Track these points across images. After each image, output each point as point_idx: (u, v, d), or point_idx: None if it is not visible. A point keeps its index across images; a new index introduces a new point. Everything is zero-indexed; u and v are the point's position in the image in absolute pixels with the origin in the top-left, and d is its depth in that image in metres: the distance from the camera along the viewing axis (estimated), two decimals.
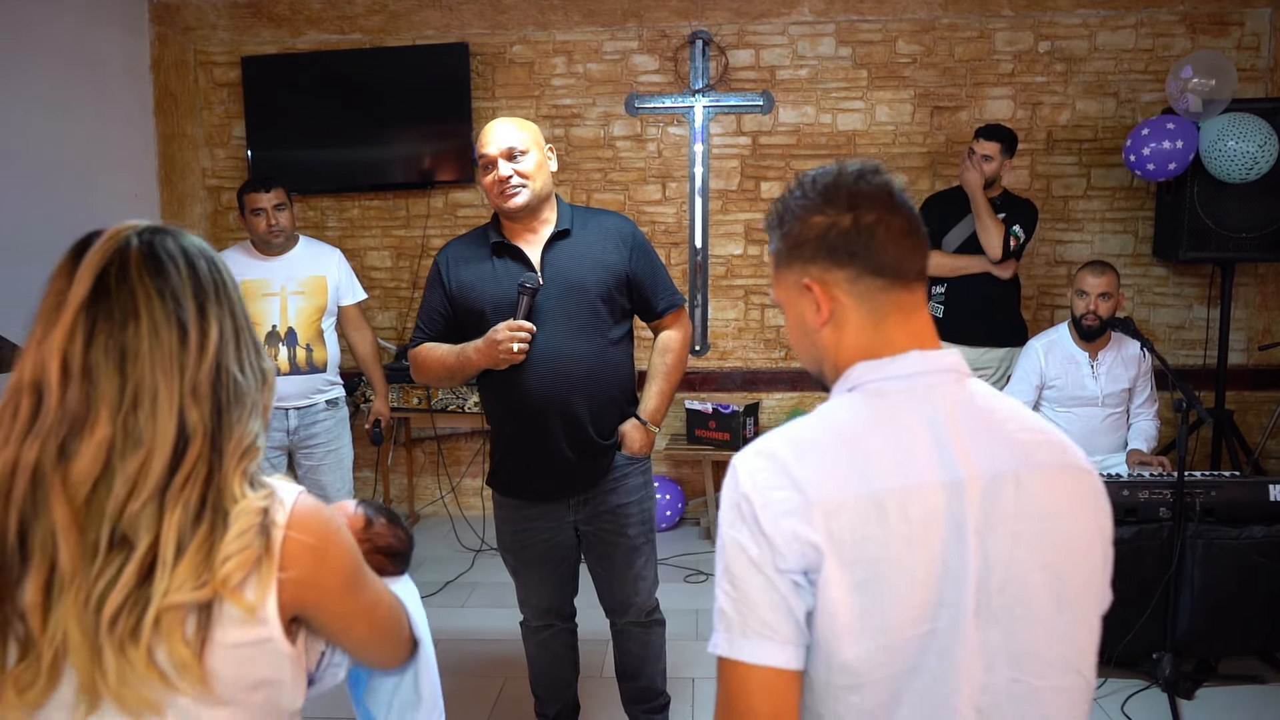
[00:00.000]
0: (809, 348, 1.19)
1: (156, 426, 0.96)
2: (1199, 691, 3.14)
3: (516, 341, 2.31)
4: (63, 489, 0.93)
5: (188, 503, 0.95)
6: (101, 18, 4.53)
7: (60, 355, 0.96)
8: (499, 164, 2.36)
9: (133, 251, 1.00)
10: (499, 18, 4.76)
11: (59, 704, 0.94)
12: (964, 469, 1.05)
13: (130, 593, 0.92)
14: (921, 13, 4.60)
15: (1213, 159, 3.91)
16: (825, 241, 1.12)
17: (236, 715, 0.99)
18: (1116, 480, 3.25)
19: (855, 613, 1.01)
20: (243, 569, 0.95)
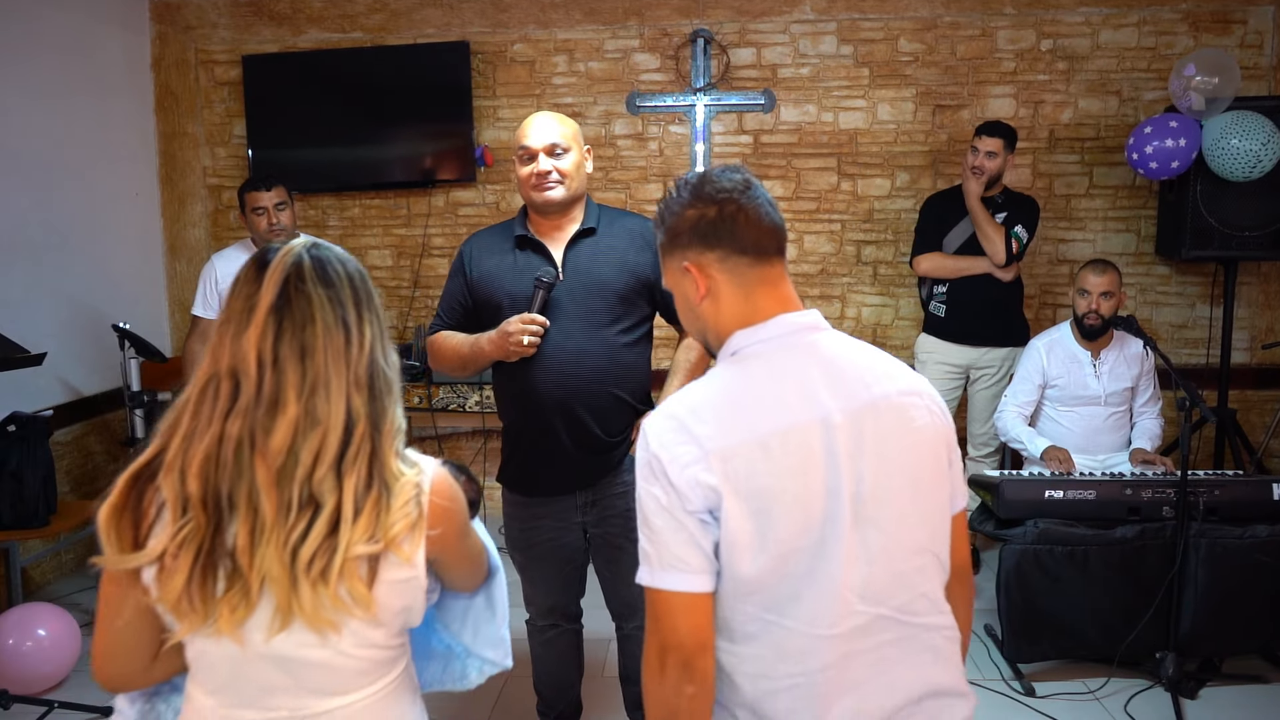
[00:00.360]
0: (694, 320, 1.44)
1: (330, 409, 1.20)
2: (1202, 691, 3.13)
3: (527, 334, 2.30)
4: (263, 457, 1.18)
5: (359, 474, 1.21)
6: (102, 16, 4.52)
7: (256, 349, 1.19)
8: (540, 158, 2.37)
9: (306, 265, 1.24)
10: (500, 16, 4.75)
11: (258, 623, 1.21)
12: (831, 406, 1.30)
13: (321, 543, 1.18)
14: (923, 11, 4.59)
15: (1216, 157, 3.90)
16: (697, 230, 1.38)
17: (385, 632, 1.29)
18: (1120, 479, 3.24)
19: (752, 535, 1.25)
20: (406, 530, 1.23)
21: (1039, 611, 3.19)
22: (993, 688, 3.19)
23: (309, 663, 1.25)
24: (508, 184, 4.88)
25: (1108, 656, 3.17)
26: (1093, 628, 3.18)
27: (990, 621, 3.60)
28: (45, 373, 3.79)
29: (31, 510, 3.54)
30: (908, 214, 4.62)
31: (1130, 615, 3.13)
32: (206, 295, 3.54)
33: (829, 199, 4.77)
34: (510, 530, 2.61)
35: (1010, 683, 3.22)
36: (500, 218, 4.89)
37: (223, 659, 1.24)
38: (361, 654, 1.27)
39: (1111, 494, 3.20)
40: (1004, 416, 3.75)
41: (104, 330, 4.21)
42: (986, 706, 3.09)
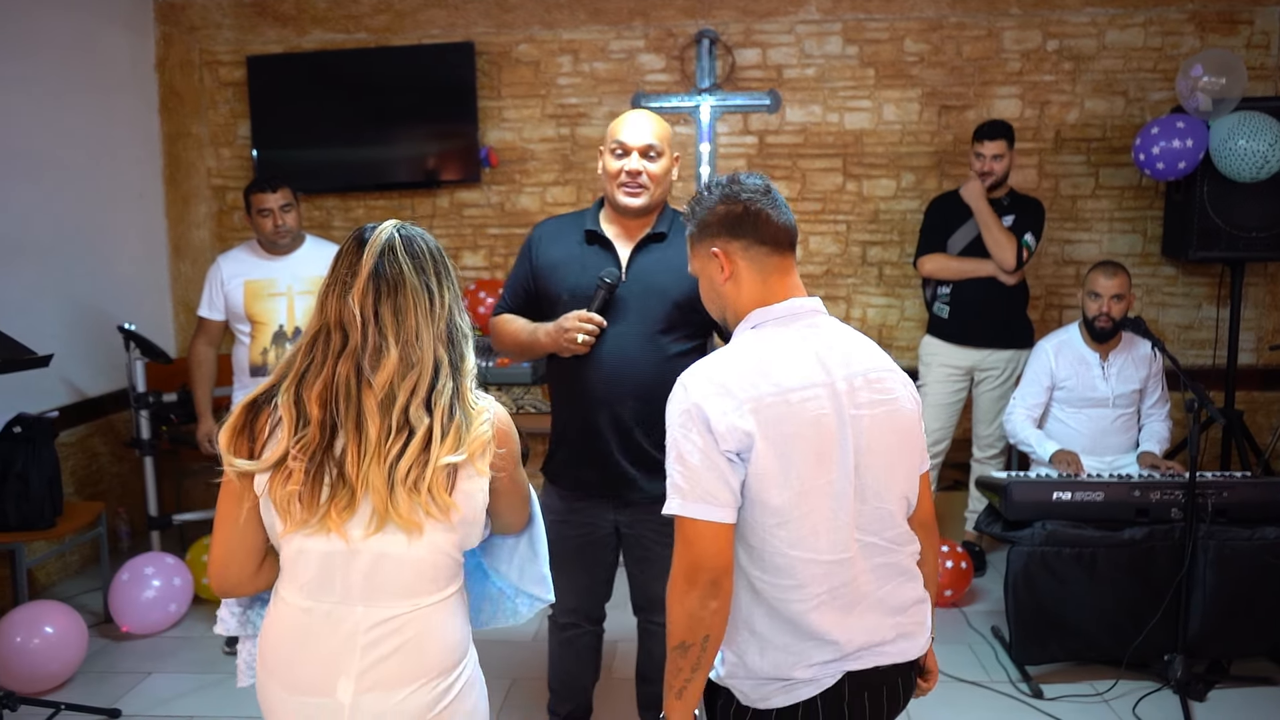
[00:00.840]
0: (716, 300, 1.73)
1: (422, 355, 1.51)
2: (1211, 693, 3.12)
3: (582, 333, 2.31)
4: (370, 391, 1.48)
5: (444, 405, 1.51)
6: (107, 17, 4.52)
7: (359, 307, 1.50)
8: (634, 156, 2.36)
9: (398, 241, 1.54)
10: (505, 17, 4.74)
11: (358, 522, 1.49)
12: (836, 374, 1.59)
13: (417, 457, 1.48)
14: (929, 11, 4.58)
15: (1223, 158, 3.90)
16: (726, 222, 1.66)
17: (453, 540, 1.56)
18: (1128, 481, 3.23)
19: (778, 472, 1.52)
20: (482, 446, 1.53)
21: (1047, 613, 3.18)
22: (1000, 689, 3.19)
23: (393, 559, 1.51)
24: (512, 184, 4.88)
25: (1116, 658, 3.16)
26: (1101, 629, 3.17)
27: (998, 623, 3.59)
28: (50, 374, 3.79)
29: (37, 511, 3.53)
30: (913, 215, 4.62)
31: (1138, 617, 3.13)
32: (212, 297, 3.54)
33: (834, 200, 4.76)
34: (545, 523, 2.60)
35: (1018, 685, 3.21)
36: (505, 219, 4.90)
37: (317, 556, 1.51)
38: (433, 559, 1.55)
39: (1119, 496, 3.19)
40: (1013, 419, 3.75)
41: (108, 331, 4.21)
42: (994, 709, 3.09)
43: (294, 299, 3.48)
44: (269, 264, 3.53)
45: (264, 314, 3.47)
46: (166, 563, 3.74)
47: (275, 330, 3.47)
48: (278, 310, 3.48)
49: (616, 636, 3.27)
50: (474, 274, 4.94)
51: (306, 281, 3.51)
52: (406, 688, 1.52)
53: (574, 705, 2.80)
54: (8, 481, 3.48)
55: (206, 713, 3.13)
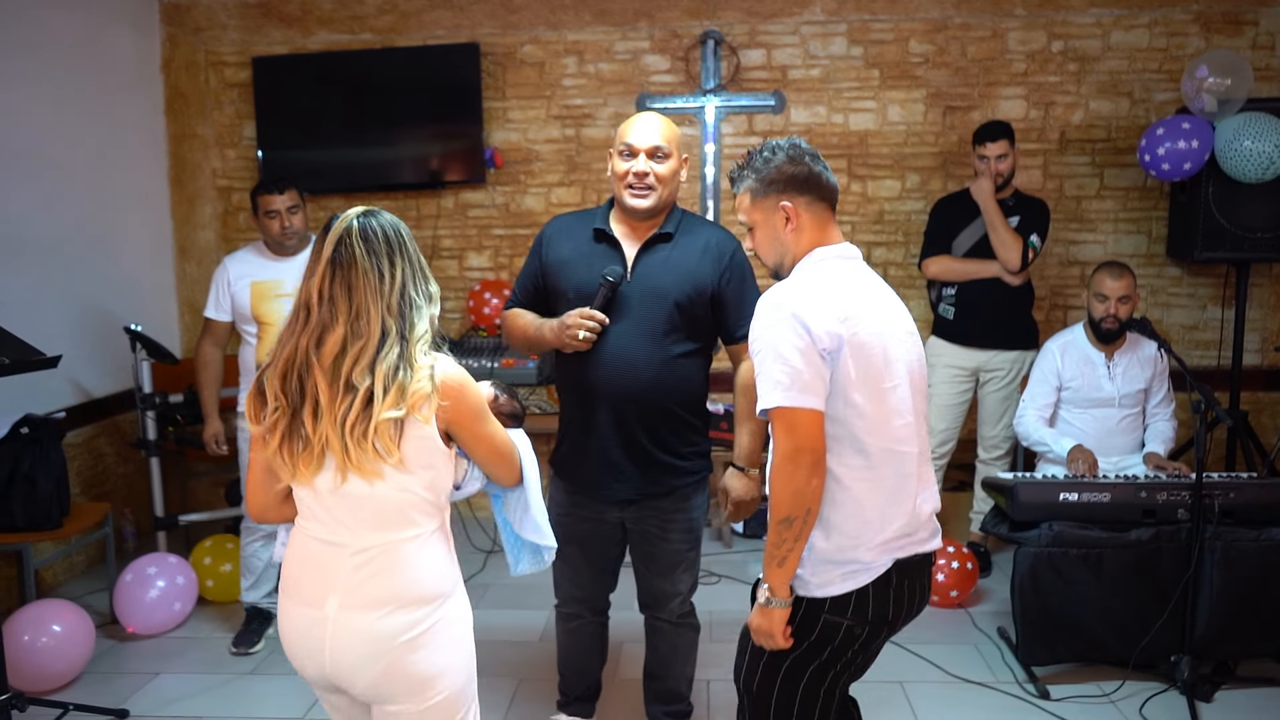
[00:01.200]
0: (777, 246, 1.99)
1: (369, 329, 1.69)
2: (1218, 694, 3.12)
3: (584, 330, 2.35)
4: (319, 361, 1.69)
5: (389, 368, 1.68)
6: (112, 18, 4.52)
7: (318, 289, 1.71)
8: (641, 158, 2.40)
9: (354, 228, 1.74)
10: (510, 18, 4.75)
11: (325, 476, 1.72)
12: (888, 303, 1.96)
13: (360, 413, 1.67)
14: (934, 12, 4.59)
15: (1228, 159, 3.90)
16: (793, 181, 1.95)
17: (417, 482, 1.74)
18: (1134, 482, 3.23)
19: (858, 371, 1.83)
20: (421, 399, 1.69)
21: (1053, 614, 3.18)
22: (1007, 690, 3.19)
23: (363, 501, 1.73)
24: (517, 185, 4.88)
25: (1122, 659, 3.16)
26: (1107, 630, 3.17)
27: (1004, 624, 3.59)
28: (56, 375, 3.79)
29: (44, 512, 3.54)
30: (918, 216, 4.62)
31: (1145, 618, 3.13)
32: (219, 298, 3.54)
33: (839, 201, 4.75)
34: (550, 514, 2.62)
35: (1024, 685, 3.21)
36: (510, 219, 4.91)
37: (309, 499, 1.77)
38: (400, 499, 1.74)
39: (1126, 496, 3.19)
40: (1024, 421, 3.75)
41: (114, 332, 4.21)
42: (1000, 709, 3.09)
43: None
44: (276, 265, 3.53)
45: (270, 315, 3.47)
46: (169, 562, 3.74)
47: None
48: (284, 311, 3.47)
49: (623, 636, 3.28)
50: (479, 274, 4.95)
51: None
52: (379, 610, 1.74)
53: (583, 688, 2.87)
54: (15, 482, 3.49)
55: (214, 713, 3.14)
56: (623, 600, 2.88)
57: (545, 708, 3.01)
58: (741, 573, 4.27)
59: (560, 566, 2.66)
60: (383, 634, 1.73)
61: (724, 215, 4.77)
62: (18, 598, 3.73)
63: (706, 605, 3.88)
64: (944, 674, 3.31)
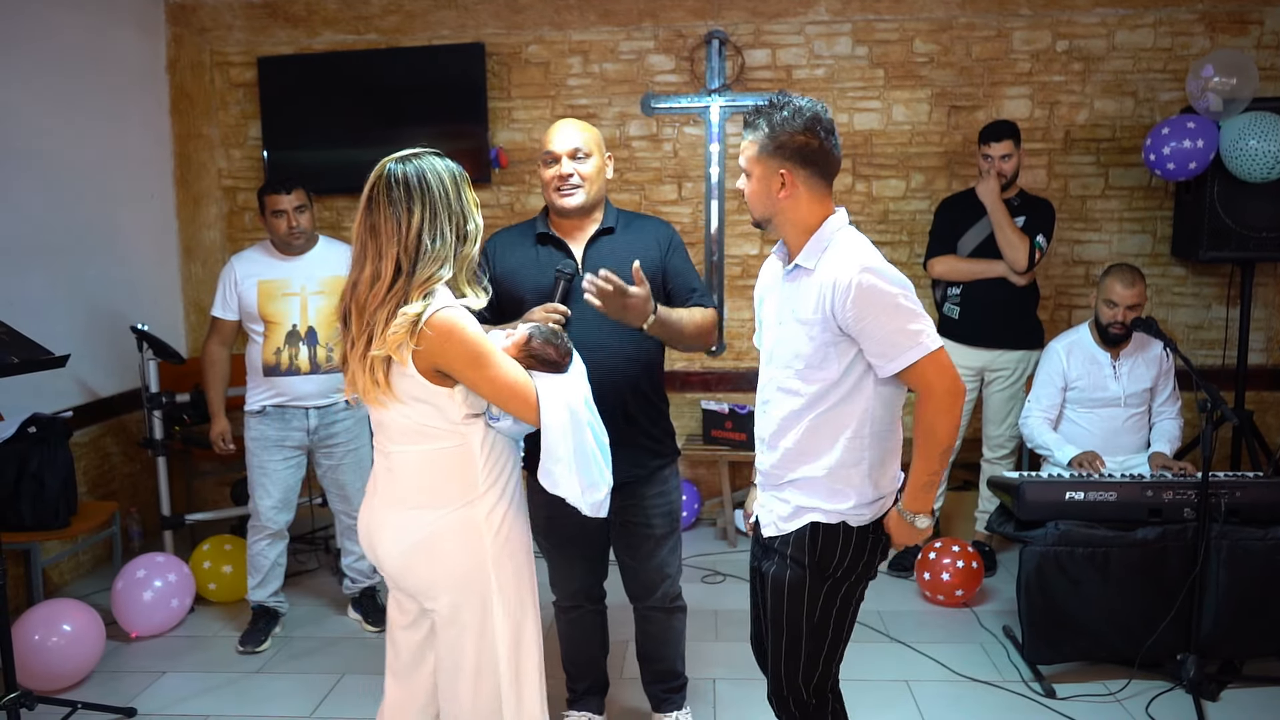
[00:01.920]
0: (766, 203, 2.03)
1: (386, 270, 1.87)
2: (1223, 693, 3.12)
3: (550, 323, 2.38)
4: (356, 298, 1.92)
5: (390, 308, 1.86)
6: (117, 19, 4.54)
7: (355, 231, 1.93)
8: (562, 161, 2.51)
9: (384, 174, 1.91)
10: (515, 18, 4.75)
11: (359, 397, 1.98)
12: None
13: (364, 348, 1.89)
14: (939, 12, 4.59)
15: (1233, 158, 3.90)
16: (802, 152, 1.97)
17: (415, 412, 1.95)
18: (1140, 481, 3.23)
19: None
20: (397, 342, 1.85)
21: (1059, 613, 3.18)
22: (1013, 689, 3.19)
23: (384, 418, 2.00)
24: (522, 185, 4.89)
25: (1128, 658, 3.16)
26: (1113, 629, 3.17)
27: (1010, 623, 3.59)
28: (63, 374, 3.81)
29: (52, 511, 3.55)
30: (923, 215, 4.62)
31: (1151, 617, 3.13)
32: (226, 297, 3.55)
33: (843, 200, 4.77)
34: (535, 517, 2.65)
35: (1030, 684, 3.21)
36: (515, 219, 4.91)
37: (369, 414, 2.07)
38: (408, 423, 1.96)
39: (1132, 496, 3.19)
40: (1029, 423, 3.75)
41: (120, 332, 4.22)
42: (1006, 708, 3.09)
43: (307, 299, 3.49)
44: (283, 264, 3.54)
45: (277, 314, 3.48)
46: (157, 561, 3.71)
47: (289, 330, 3.48)
48: (291, 310, 3.49)
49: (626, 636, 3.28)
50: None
51: (320, 282, 3.52)
52: (397, 509, 2.01)
53: (589, 681, 2.93)
54: (23, 482, 3.50)
55: (221, 712, 3.14)
56: (620, 596, 2.89)
57: (557, 708, 3.01)
58: (746, 572, 4.26)
59: (553, 565, 2.78)
60: (398, 528, 2.00)
61: (729, 216, 4.78)
62: (25, 597, 3.74)
63: (712, 604, 3.89)
64: (950, 673, 3.31)
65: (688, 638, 2.93)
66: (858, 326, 1.92)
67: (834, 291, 1.92)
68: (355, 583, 3.78)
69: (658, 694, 2.92)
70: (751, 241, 4.83)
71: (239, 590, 3.85)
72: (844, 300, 1.91)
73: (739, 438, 4.54)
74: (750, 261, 4.84)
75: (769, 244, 4.82)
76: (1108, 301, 3.58)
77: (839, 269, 1.93)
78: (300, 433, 3.53)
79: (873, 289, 1.90)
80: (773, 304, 2.14)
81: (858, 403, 2.00)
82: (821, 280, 1.96)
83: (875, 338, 1.91)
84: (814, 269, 1.99)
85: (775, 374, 2.10)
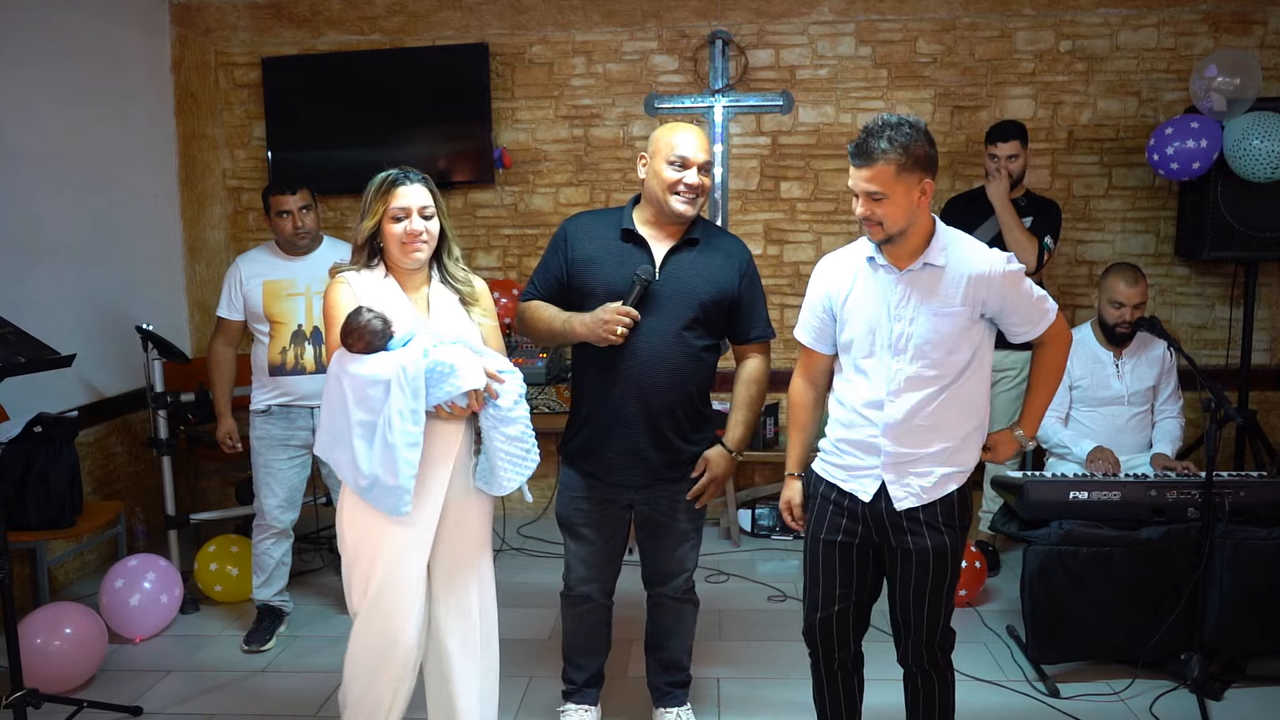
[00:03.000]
0: (905, 215, 2.14)
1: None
2: (1227, 692, 3.12)
3: (621, 325, 2.48)
4: None
5: None
6: (122, 19, 4.55)
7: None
8: (693, 171, 2.55)
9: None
10: (518, 18, 4.76)
11: None
12: None
13: None
14: (942, 12, 4.59)
15: (1237, 158, 3.90)
16: (929, 162, 2.13)
17: None
18: (1144, 480, 3.23)
19: None
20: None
21: (1063, 613, 3.18)
22: (1016, 689, 3.19)
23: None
24: (526, 185, 4.90)
25: (1132, 658, 3.16)
26: (1117, 629, 3.17)
27: (1013, 622, 3.60)
28: (68, 374, 3.82)
29: (57, 511, 3.56)
30: None
31: (1155, 617, 3.13)
32: (231, 297, 3.56)
33: (847, 200, 4.77)
34: (561, 500, 2.77)
35: (1034, 684, 3.21)
36: (519, 219, 4.92)
37: None
38: None
39: (1136, 495, 3.19)
40: (1044, 423, 3.74)
41: (125, 331, 4.23)
42: (1010, 708, 3.09)
43: (312, 299, 3.50)
44: (288, 264, 3.55)
45: (283, 314, 3.49)
46: (130, 566, 3.65)
47: (294, 330, 3.49)
48: (296, 310, 3.50)
49: (631, 635, 3.29)
50: (487, 274, 4.96)
51: (324, 282, 3.49)
52: None
53: (588, 674, 2.94)
54: (28, 481, 3.51)
55: (226, 711, 3.15)
56: (625, 596, 2.90)
57: (557, 703, 3.03)
58: (750, 571, 4.28)
59: (573, 550, 2.80)
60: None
61: (733, 216, 4.78)
62: (31, 596, 3.75)
63: (717, 604, 3.90)
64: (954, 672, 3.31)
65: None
66: (1001, 305, 2.19)
67: (977, 281, 2.17)
68: None
69: (661, 686, 2.93)
70: (755, 241, 4.83)
71: (244, 591, 3.86)
72: (989, 287, 2.17)
73: None
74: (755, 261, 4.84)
75: (772, 244, 4.83)
76: (1113, 301, 3.58)
77: (974, 262, 2.19)
78: (305, 432, 3.53)
79: (1013, 274, 2.19)
80: (872, 301, 2.26)
81: (979, 375, 2.25)
82: (959, 273, 2.18)
83: (1021, 311, 2.21)
84: (945, 264, 2.18)
85: (900, 365, 2.22)
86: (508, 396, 2.33)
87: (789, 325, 4.86)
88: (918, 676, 2.44)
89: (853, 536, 2.32)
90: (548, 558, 4.46)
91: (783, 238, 4.84)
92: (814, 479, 2.42)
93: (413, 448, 2.19)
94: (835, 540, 2.33)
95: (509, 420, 2.34)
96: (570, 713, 2.93)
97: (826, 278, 2.36)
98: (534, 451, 2.42)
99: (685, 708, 2.93)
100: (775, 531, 4.71)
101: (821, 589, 2.37)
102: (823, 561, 2.36)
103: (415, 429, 2.19)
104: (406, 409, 2.18)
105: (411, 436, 2.19)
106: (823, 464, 2.40)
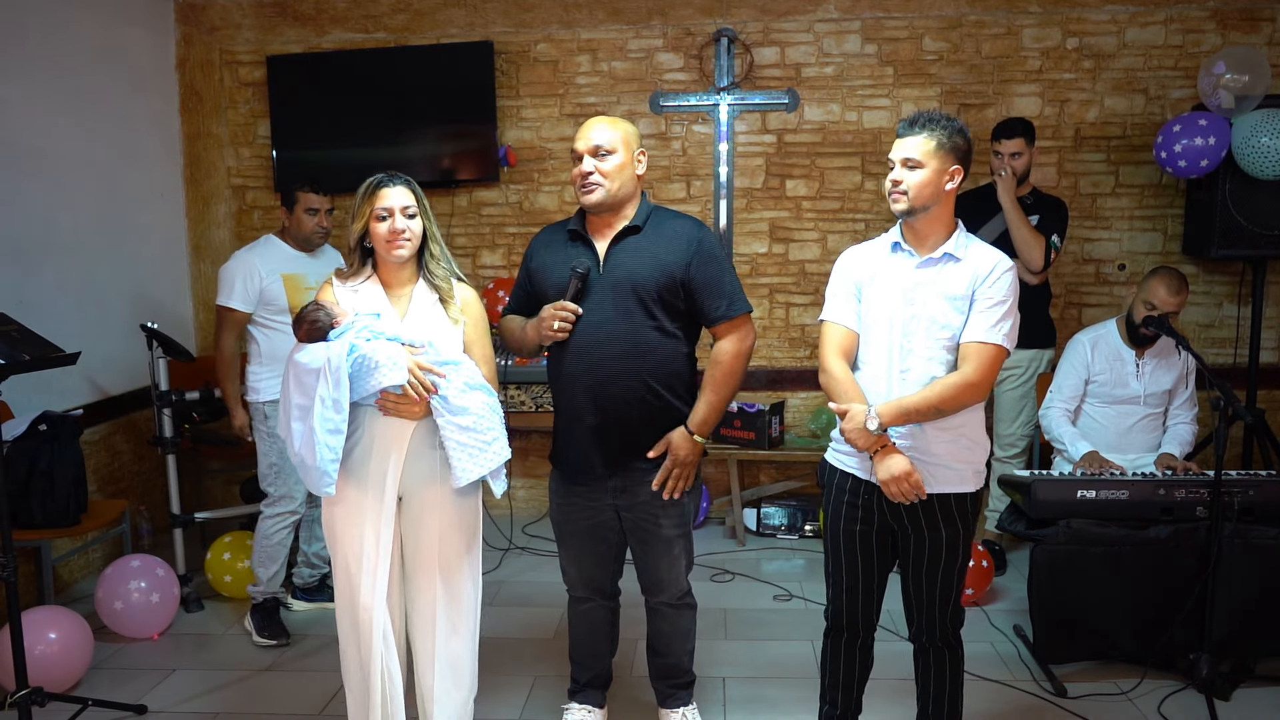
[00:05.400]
0: (932, 194, 2.31)
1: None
2: (1236, 692, 3.11)
3: (558, 320, 2.52)
4: None
5: None
6: (127, 18, 4.54)
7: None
8: (584, 159, 2.54)
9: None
10: (523, 16, 4.75)
11: None
12: None
13: None
14: (948, 9, 4.58)
15: (1245, 156, 3.88)
16: (965, 157, 2.31)
17: None
18: (1153, 479, 3.21)
19: None
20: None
21: (1071, 612, 3.17)
22: (1024, 688, 3.18)
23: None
24: (531, 183, 4.89)
25: (1140, 657, 3.15)
26: (1125, 628, 3.16)
27: (1020, 622, 3.58)
28: (73, 372, 3.81)
29: (62, 509, 3.55)
30: None
31: (1163, 616, 3.11)
32: (246, 289, 3.55)
33: (853, 198, 4.76)
34: (551, 504, 2.81)
35: (1041, 683, 3.20)
36: (523, 218, 4.92)
37: None
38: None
39: (1144, 494, 3.17)
40: (1050, 414, 3.72)
41: (130, 330, 4.23)
42: (1017, 707, 3.08)
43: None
44: (300, 259, 3.64)
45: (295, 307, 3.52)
46: (109, 575, 3.62)
47: None
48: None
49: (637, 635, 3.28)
50: (492, 273, 4.96)
51: None
52: None
53: (593, 674, 2.95)
54: (33, 480, 3.50)
55: (231, 709, 3.15)
56: (632, 597, 2.89)
57: (561, 702, 3.02)
58: (755, 571, 4.27)
59: (563, 555, 2.83)
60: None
61: (738, 214, 4.77)
62: (35, 595, 3.75)
63: (721, 603, 3.89)
64: None
65: (697, 636, 2.93)
66: (985, 300, 2.29)
67: (981, 274, 2.31)
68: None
69: (664, 689, 2.93)
70: (760, 240, 4.82)
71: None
72: (989, 281, 2.30)
73: (748, 436, 4.53)
74: (759, 260, 4.84)
75: (777, 243, 4.82)
76: (1148, 303, 3.51)
77: (984, 258, 2.33)
78: None
79: (1012, 280, 2.34)
80: (893, 287, 2.38)
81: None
82: (971, 265, 2.32)
83: (991, 314, 2.30)
84: (964, 257, 2.34)
85: (915, 345, 2.34)
86: (451, 389, 2.37)
87: (794, 323, 4.87)
88: (930, 651, 2.53)
89: (870, 525, 2.43)
90: (553, 557, 4.44)
91: (788, 236, 4.83)
92: (828, 469, 2.51)
93: (332, 434, 2.29)
94: (855, 530, 2.44)
95: (456, 410, 2.38)
96: (573, 711, 2.93)
97: (853, 263, 2.48)
98: (497, 445, 2.43)
99: (690, 707, 2.93)
100: (781, 530, 4.70)
101: (845, 574, 2.49)
102: (844, 549, 2.47)
103: (336, 416, 2.28)
104: (329, 397, 2.28)
105: (332, 423, 2.28)
106: (835, 453, 2.49)
